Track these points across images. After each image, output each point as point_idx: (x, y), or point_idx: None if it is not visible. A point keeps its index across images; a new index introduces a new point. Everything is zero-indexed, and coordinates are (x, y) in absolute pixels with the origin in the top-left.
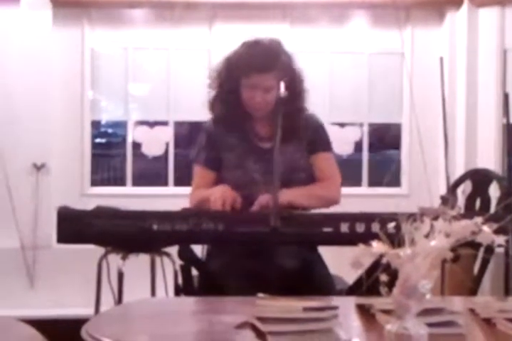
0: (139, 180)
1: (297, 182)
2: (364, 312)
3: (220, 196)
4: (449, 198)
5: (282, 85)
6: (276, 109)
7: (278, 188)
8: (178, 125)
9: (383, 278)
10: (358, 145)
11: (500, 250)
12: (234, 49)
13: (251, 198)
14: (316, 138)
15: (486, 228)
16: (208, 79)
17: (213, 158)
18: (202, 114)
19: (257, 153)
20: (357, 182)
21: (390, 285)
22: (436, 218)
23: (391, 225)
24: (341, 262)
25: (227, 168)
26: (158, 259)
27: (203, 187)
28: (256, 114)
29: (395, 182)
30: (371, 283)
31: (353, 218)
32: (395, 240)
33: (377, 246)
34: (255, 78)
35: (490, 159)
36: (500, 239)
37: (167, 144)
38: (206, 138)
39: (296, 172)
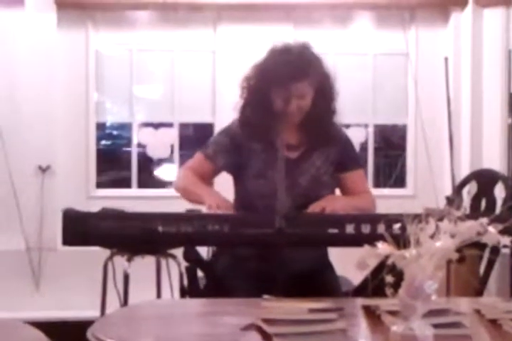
0: (144, 182)
1: (320, 198)
2: (370, 313)
3: (216, 205)
4: (454, 199)
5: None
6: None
7: (288, 194)
8: (183, 127)
9: (389, 279)
10: (363, 147)
11: (506, 251)
12: (264, 56)
13: (271, 210)
14: (347, 155)
15: (491, 229)
16: (239, 89)
17: (233, 162)
18: (207, 115)
19: (282, 163)
20: None
21: (396, 286)
22: (441, 219)
23: (396, 226)
24: (347, 263)
25: (250, 176)
26: (163, 261)
27: (197, 173)
28: (289, 121)
29: (401, 183)
30: (377, 284)
31: (358, 219)
32: (401, 241)
33: (382, 247)
34: (290, 87)
35: (495, 159)
36: (506, 240)
37: (172, 146)
38: (229, 140)
39: (321, 188)
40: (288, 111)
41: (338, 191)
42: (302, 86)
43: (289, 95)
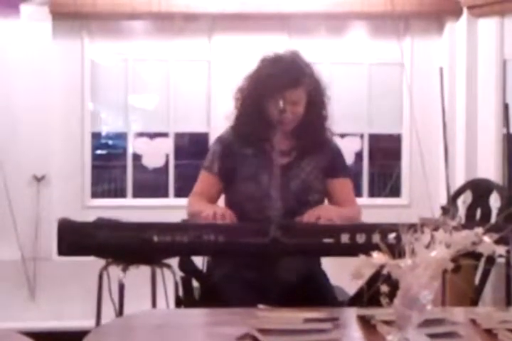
0: (140, 192)
1: (311, 203)
2: (365, 323)
3: (212, 214)
4: (449, 208)
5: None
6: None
7: (278, 198)
8: (179, 136)
9: (384, 288)
10: (359, 156)
11: (501, 260)
12: (255, 67)
13: (261, 212)
14: (337, 163)
15: (486, 238)
16: (233, 99)
17: (227, 167)
18: (202, 125)
19: (273, 168)
20: (357, 193)
21: (391, 296)
22: (436, 228)
23: (392, 236)
24: (342, 273)
25: (241, 179)
26: (158, 271)
27: (205, 195)
28: (284, 129)
29: (396, 192)
30: (372, 293)
31: (353, 229)
32: (396, 251)
33: (377, 257)
34: (284, 95)
35: (490, 169)
36: (501, 250)
37: (167, 156)
38: (222, 147)
39: (311, 192)
40: (283, 118)
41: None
42: (296, 93)
43: (283, 103)
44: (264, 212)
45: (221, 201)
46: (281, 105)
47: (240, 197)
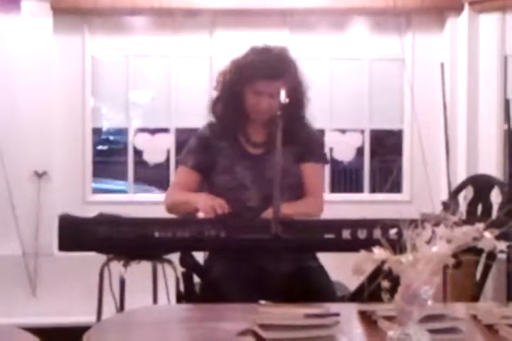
0: (141, 187)
1: (287, 189)
2: (366, 318)
3: (210, 204)
4: (450, 204)
5: (283, 92)
6: (276, 116)
7: (279, 195)
8: (180, 132)
9: (385, 284)
10: (360, 152)
11: (502, 256)
12: (242, 53)
13: (239, 203)
14: (311, 148)
15: (487, 234)
16: (215, 81)
17: (202, 161)
18: (203, 120)
19: (247, 159)
20: (358, 189)
21: (392, 291)
22: (437, 224)
23: (393, 231)
24: (343, 268)
25: (218, 171)
26: (159, 266)
27: (183, 187)
28: (258, 119)
29: (397, 188)
30: (373, 289)
31: (354, 224)
32: (397, 246)
33: (378, 253)
34: (263, 84)
35: (491, 165)
36: (502, 245)
37: (168, 151)
38: (198, 141)
39: (287, 177)
40: (258, 108)
41: None
42: (274, 85)
43: (260, 92)
44: (241, 202)
45: None
46: (259, 95)
47: (218, 189)
